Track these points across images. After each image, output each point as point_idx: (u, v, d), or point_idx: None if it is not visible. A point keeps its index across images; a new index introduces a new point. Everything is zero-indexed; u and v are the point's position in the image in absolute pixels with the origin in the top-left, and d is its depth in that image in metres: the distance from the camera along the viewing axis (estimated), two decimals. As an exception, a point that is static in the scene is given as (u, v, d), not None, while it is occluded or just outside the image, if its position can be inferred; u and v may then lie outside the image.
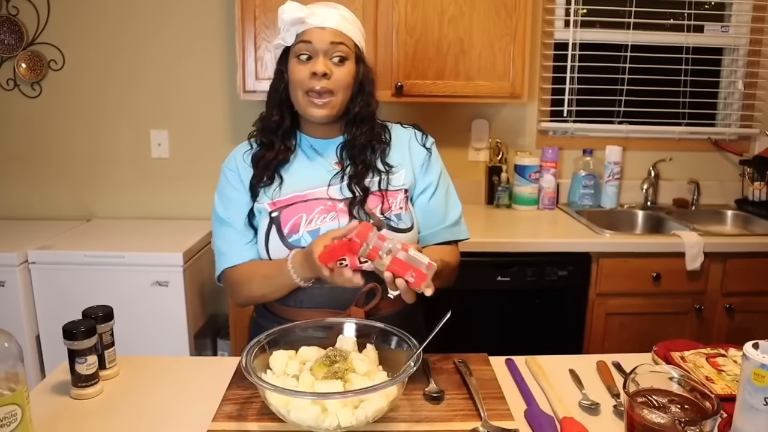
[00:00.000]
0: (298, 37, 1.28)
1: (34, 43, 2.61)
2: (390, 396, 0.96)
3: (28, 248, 2.28)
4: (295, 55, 1.28)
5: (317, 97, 1.27)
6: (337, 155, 1.35)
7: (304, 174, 1.33)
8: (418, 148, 1.41)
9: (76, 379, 1.12)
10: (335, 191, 1.31)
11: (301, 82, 1.27)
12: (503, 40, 2.36)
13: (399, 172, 1.35)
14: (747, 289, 2.30)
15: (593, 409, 1.08)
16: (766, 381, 0.88)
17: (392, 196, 1.32)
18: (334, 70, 1.27)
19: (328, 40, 1.26)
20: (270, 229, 1.29)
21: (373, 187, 1.31)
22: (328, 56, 1.27)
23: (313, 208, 1.28)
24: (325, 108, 1.28)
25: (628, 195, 2.82)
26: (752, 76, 2.84)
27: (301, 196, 1.30)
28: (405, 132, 1.43)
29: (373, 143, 1.34)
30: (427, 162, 1.40)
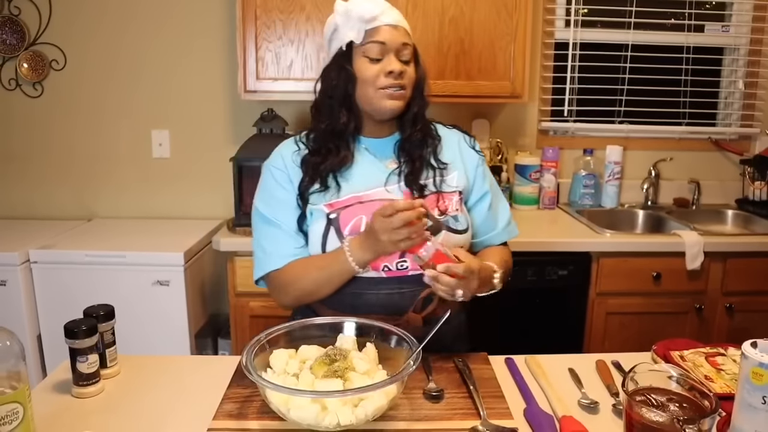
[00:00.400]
0: (368, 34, 1.26)
1: (35, 43, 2.62)
2: (389, 394, 0.97)
3: (29, 248, 2.29)
4: (364, 54, 1.27)
5: (392, 91, 1.27)
6: (394, 153, 1.36)
7: (360, 176, 1.32)
8: (468, 151, 1.42)
9: (78, 377, 1.13)
10: (393, 190, 1.30)
11: (372, 80, 1.27)
12: (504, 39, 2.36)
13: (452, 174, 1.36)
14: (747, 289, 2.30)
15: (592, 408, 1.08)
16: (764, 380, 0.88)
17: (447, 198, 1.32)
18: (406, 69, 1.28)
19: (400, 41, 1.27)
20: (328, 230, 1.27)
21: (429, 186, 1.32)
22: (398, 56, 1.28)
23: (372, 209, 1.24)
24: (400, 100, 1.29)
25: (628, 195, 2.82)
26: (753, 76, 2.84)
27: (359, 197, 1.29)
28: (451, 133, 1.44)
29: (427, 140, 1.36)
30: (481, 167, 1.42)
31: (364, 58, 1.27)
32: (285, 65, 2.35)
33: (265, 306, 2.26)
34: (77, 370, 1.13)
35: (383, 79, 1.26)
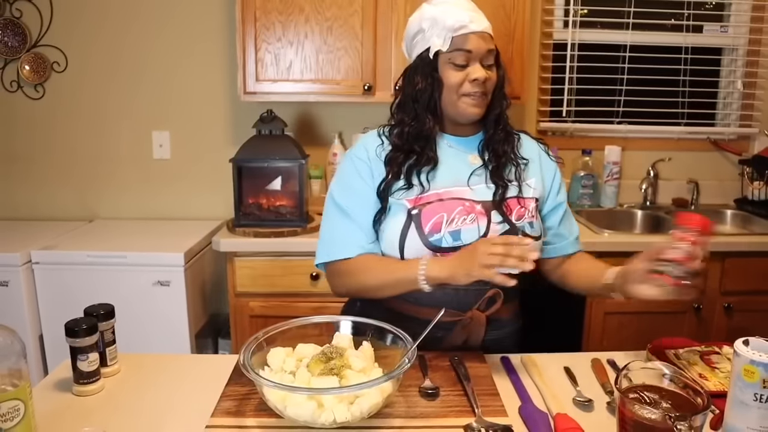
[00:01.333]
0: (455, 42, 1.27)
1: (37, 45, 2.63)
2: (385, 392, 0.98)
3: (31, 248, 2.30)
4: (450, 61, 1.28)
5: (474, 98, 1.29)
6: (478, 150, 1.37)
7: (443, 173, 1.33)
8: (547, 159, 1.44)
9: (78, 376, 1.14)
10: (476, 190, 1.31)
11: (456, 87, 1.29)
12: (502, 40, 2.37)
13: (531, 178, 1.37)
14: (745, 288, 2.31)
15: (587, 406, 1.09)
16: (755, 377, 0.89)
17: (526, 204, 1.34)
18: (489, 74, 1.29)
19: (485, 48, 1.28)
20: (408, 226, 1.28)
21: (511, 192, 1.32)
22: (483, 62, 1.29)
23: (453, 207, 1.28)
24: (480, 107, 1.31)
25: (627, 195, 2.83)
26: (751, 76, 2.85)
27: (440, 194, 1.30)
28: (530, 141, 1.44)
29: (511, 137, 1.37)
30: (559, 177, 1.45)
31: (449, 65, 1.29)
32: (284, 66, 2.36)
33: (265, 306, 2.27)
34: (78, 369, 1.14)
35: (467, 86, 1.28)
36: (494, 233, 1.28)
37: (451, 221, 1.27)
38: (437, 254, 1.26)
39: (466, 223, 1.27)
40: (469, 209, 1.29)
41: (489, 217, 1.29)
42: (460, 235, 1.27)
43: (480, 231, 1.27)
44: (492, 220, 1.29)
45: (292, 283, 2.27)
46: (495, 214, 1.30)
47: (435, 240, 1.27)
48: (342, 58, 2.37)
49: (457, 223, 1.27)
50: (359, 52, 2.35)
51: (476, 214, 1.29)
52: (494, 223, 1.29)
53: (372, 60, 2.35)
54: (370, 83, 2.36)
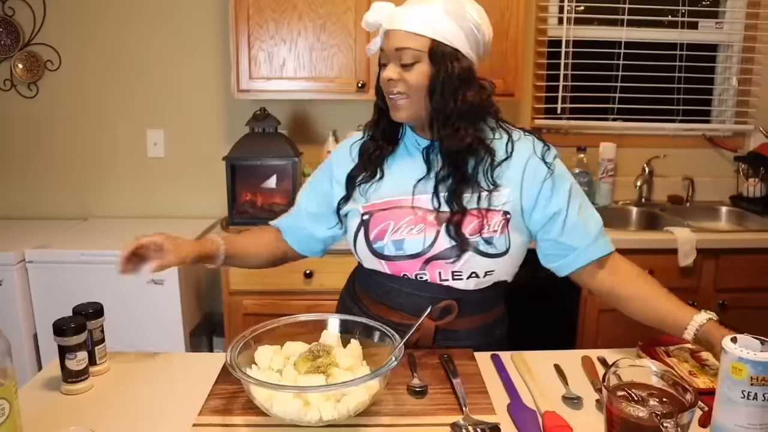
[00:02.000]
0: (383, 39, 1.27)
1: (30, 43, 2.63)
2: (372, 390, 0.98)
3: (25, 247, 2.30)
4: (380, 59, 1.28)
5: (394, 100, 1.25)
6: (423, 157, 1.29)
7: (402, 172, 1.31)
8: (536, 166, 1.26)
9: (67, 374, 1.14)
10: (433, 201, 1.25)
11: (383, 87, 1.28)
12: (496, 37, 2.33)
13: (503, 191, 1.24)
14: (740, 286, 2.31)
15: (576, 403, 1.09)
16: (743, 374, 0.89)
17: (490, 217, 1.23)
18: (404, 75, 1.22)
19: (393, 46, 1.22)
20: (359, 231, 1.30)
21: (470, 204, 1.23)
22: (398, 61, 1.23)
23: (402, 217, 1.26)
24: (401, 111, 1.24)
25: (622, 192, 2.83)
26: (746, 73, 2.85)
27: (395, 201, 1.28)
28: (527, 146, 1.28)
29: (474, 152, 1.24)
30: (549, 181, 1.26)
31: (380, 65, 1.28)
32: (278, 64, 2.36)
33: (259, 304, 2.27)
34: (66, 367, 1.14)
35: (385, 86, 1.26)
36: (440, 248, 1.23)
37: (397, 230, 1.26)
38: (381, 261, 1.28)
39: (411, 234, 1.25)
40: (419, 219, 1.25)
41: (439, 229, 1.24)
42: (403, 244, 1.25)
43: (425, 243, 1.24)
44: (441, 233, 1.23)
45: (285, 281, 2.27)
46: (445, 227, 1.23)
47: (378, 247, 1.27)
48: (335, 56, 2.36)
49: (402, 233, 1.25)
50: (353, 49, 2.34)
51: (426, 225, 1.25)
52: (443, 236, 1.23)
53: (365, 57, 2.35)
54: (363, 81, 2.35)
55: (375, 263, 1.30)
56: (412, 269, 1.26)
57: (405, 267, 1.26)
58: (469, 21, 1.23)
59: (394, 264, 1.27)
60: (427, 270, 1.25)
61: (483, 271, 1.25)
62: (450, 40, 1.21)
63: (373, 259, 1.29)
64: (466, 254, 1.22)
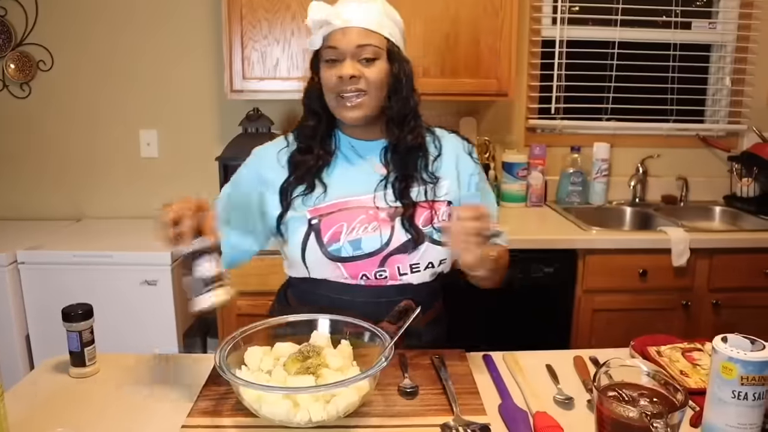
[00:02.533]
0: (325, 40, 1.24)
1: (22, 43, 2.62)
2: (361, 391, 0.97)
3: (17, 248, 2.29)
4: (324, 60, 1.25)
5: (349, 99, 1.23)
6: (380, 159, 1.31)
7: (346, 179, 1.30)
8: (465, 159, 1.37)
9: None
10: (380, 199, 1.27)
11: (331, 87, 1.24)
12: (490, 37, 2.37)
13: (444, 182, 1.32)
14: (734, 285, 2.31)
15: (567, 404, 1.09)
16: (733, 374, 0.89)
17: (437, 208, 1.29)
18: (363, 71, 1.22)
19: (354, 43, 1.21)
20: (308, 236, 1.25)
21: (419, 197, 1.28)
22: (356, 58, 1.22)
23: (355, 216, 1.25)
24: (357, 109, 1.24)
25: (616, 192, 2.82)
26: (740, 73, 2.85)
27: (343, 203, 1.27)
28: (451, 138, 1.39)
29: (420, 149, 1.30)
30: (476, 176, 1.38)
31: (324, 63, 1.25)
32: (271, 65, 2.35)
33: (252, 305, 2.25)
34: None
35: (338, 85, 1.23)
36: (398, 242, 1.24)
37: (352, 230, 1.24)
38: (339, 264, 1.24)
39: (367, 232, 1.24)
40: (372, 217, 1.25)
41: (393, 224, 1.25)
42: (361, 244, 1.24)
43: (382, 239, 1.24)
44: (396, 228, 1.25)
45: (279, 282, 2.25)
46: (399, 221, 1.25)
47: (334, 250, 1.24)
48: (329, 56, 2.35)
49: (358, 232, 1.24)
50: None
51: (379, 223, 1.25)
52: (399, 231, 1.25)
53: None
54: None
55: (329, 269, 1.26)
56: (372, 268, 1.24)
57: (364, 267, 1.24)
58: (400, 23, 1.31)
59: (352, 265, 1.24)
60: (386, 266, 1.25)
61: (438, 260, 1.29)
62: (397, 40, 1.28)
63: (327, 264, 1.25)
64: (423, 245, 1.26)
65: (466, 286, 1.27)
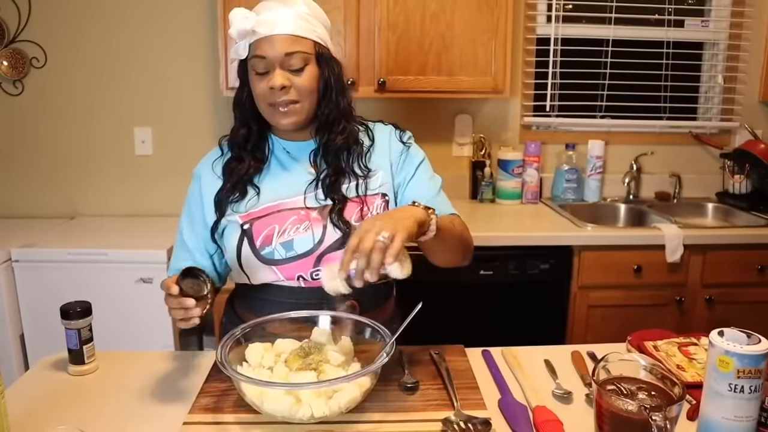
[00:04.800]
0: (251, 49, 1.20)
1: (15, 40, 2.60)
2: (363, 386, 0.98)
3: (11, 246, 2.27)
4: (252, 69, 1.22)
5: (281, 107, 1.22)
6: (310, 160, 1.31)
7: (278, 182, 1.29)
8: (396, 145, 1.35)
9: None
10: (311, 200, 1.26)
11: (262, 96, 1.22)
12: (485, 35, 2.37)
13: (376, 175, 1.30)
14: (727, 281, 2.33)
15: (565, 398, 1.10)
16: (730, 367, 0.90)
17: (370, 202, 1.27)
18: (294, 80, 1.21)
19: (282, 51, 1.19)
20: (242, 241, 1.25)
21: (350, 193, 1.27)
22: (285, 67, 1.20)
23: (286, 218, 1.24)
24: (291, 116, 1.23)
25: (610, 189, 2.84)
26: (732, 71, 2.87)
27: (274, 206, 1.26)
28: (385, 130, 1.37)
29: (350, 145, 1.29)
30: (405, 157, 1.34)
31: (252, 73, 1.23)
32: (267, 62, 2.34)
33: (249, 302, 2.26)
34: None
35: (269, 95, 1.21)
36: (330, 239, 1.23)
37: (283, 232, 1.23)
38: (273, 267, 1.23)
39: (299, 232, 1.23)
40: (304, 217, 1.25)
41: (325, 223, 1.24)
42: (293, 245, 1.23)
43: (315, 239, 1.23)
44: (328, 226, 1.24)
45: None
46: (330, 218, 1.24)
47: (267, 253, 1.23)
48: (324, 53, 2.35)
49: (290, 233, 1.23)
50: (342, 47, 2.34)
51: (311, 221, 1.24)
52: (331, 229, 1.23)
53: (355, 55, 2.34)
54: (353, 78, 2.35)
55: (265, 273, 1.25)
56: (307, 268, 1.23)
57: (299, 267, 1.23)
58: (327, 21, 1.31)
59: (287, 267, 1.23)
60: (321, 266, 1.23)
61: None
62: (324, 41, 1.27)
63: (262, 268, 1.24)
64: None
65: (468, 282, 1.27)
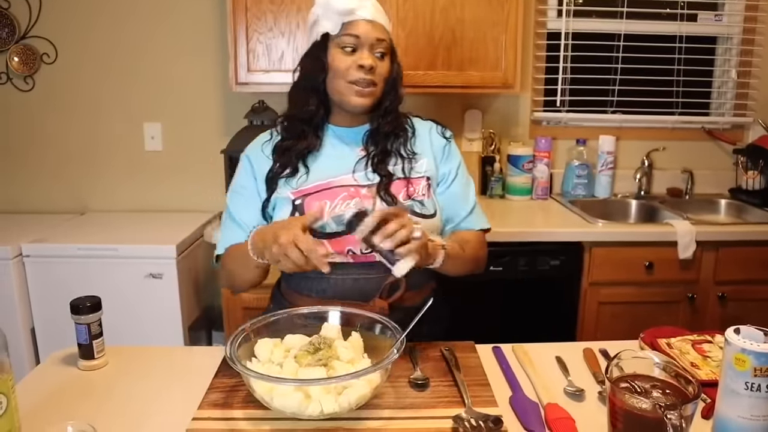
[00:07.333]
0: (345, 27, 1.27)
1: (26, 36, 2.61)
2: (373, 383, 0.97)
3: (21, 242, 2.29)
4: (339, 46, 1.28)
5: (363, 87, 1.28)
6: (363, 142, 1.37)
7: (329, 163, 1.34)
8: (438, 138, 1.43)
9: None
10: (360, 177, 1.32)
11: (344, 73, 1.28)
12: (495, 29, 2.36)
13: (421, 161, 1.38)
14: (739, 278, 2.31)
15: (578, 396, 1.09)
16: (746, 365, 0.88)
17: (416, 183, 1.34)
18: (378, 64, 1.29)
19: (375, 36, 1.28)
20: (293, 216, 1.29)
21: (397, 173, 1.33)
22: (372, 50, 1.28)
23: (336, 194, 1.29)
24: (367, 97, 1.30)
25: (621, 185, 2.82)
26: (746, 65, 2.84)
27: (325, 183, 1.31)
28: (425, 124, 1.46)
29: (397, 131, 1.37)
30: (447, 151, 1.43)
31: (338, 50, 1.29)
32: (276, 57, 2.34)
33: (258, 298, 2.25)
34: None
35: (354, 73, 1.27)
36: None
37: (334, 207, 1.28)
38: (324, 241, 1.25)
39: (350, 207, 1.27)
40: (354, 194, 1.30)
41: (374, 199, 1.29)
42: (343, 218, 1.25)
43: None
44: (377, 202, 1.28)
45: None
46: (380, 195, 1.29)
47: (318, 227, 1.26)
48: (334, 48, 2.34)
49: (341, 208, 1.27)
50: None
51: (361, 198, 1.29)
52: (379, 204, 1.28)
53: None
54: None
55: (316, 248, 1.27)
56: (356, 242, 1.24)
57: (349, 241, 1.26)
58: None
59: (338, 241, 1.27)
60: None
61: None
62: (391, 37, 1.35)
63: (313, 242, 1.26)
64: None
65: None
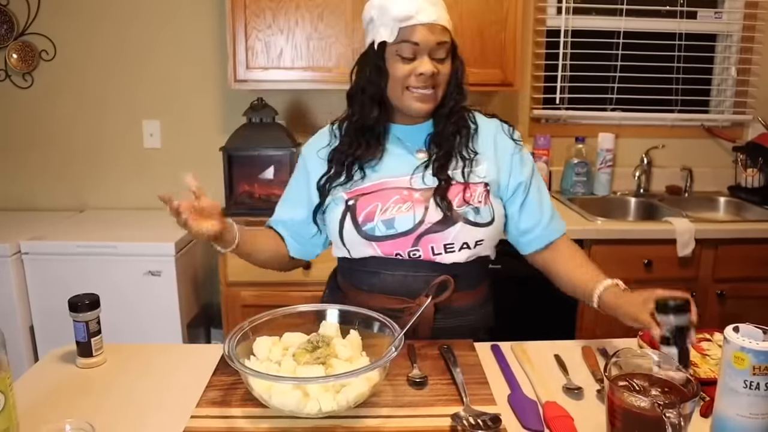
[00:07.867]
0: (402, 33, 1.22)
1: (24, 33, 2.60)
2: (371, 381, 0.97)
3: (20, 239, 2.28)
4: (397, 53, 1.23)
5: (422, 92, 1.25)
6: (424, 144, 1.33)
7: (387, 163, 1.32)
8: (504, 140, 1.36)
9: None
10: (417, 180, 1.29)
11: (402, 80, 1.24)
12: (494, 27, 2.35)
13: (482, 164, 1.31)
14: (739, 276, 2.31)
15: (576, 394, 1.09)
16: (745, 364, 0.88)
17: (473, 188, 1.28)
18: (439, 68, 1.24)
19: (435, 40, 1.22)
20: (344, 217, 1.28)
21: (456, 177, 1.29)
22: (432, 56, 1.23)
23: (389, 197, 1.27)
24: (428, 102, 1.27)
25: (620, 182, 2.82)
26: (745, 63, 2.83)
27: (379, 184, 1.29)
28: (490, 122, 1.38)
29: (461, 129, 1.32)
30: (518, 155, 1.35)
31: (396, 57, 1.24)
32: (275, 54, 2.34)
33: (257, 295, 2.26)
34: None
35: (413, 80, 1.24)
36: (431, 221, 1.25)
37: (386, 210, 1.26)
38: (373, 243, 1.26)
39: (401, 212, 1.26)
40: (407, 197, 1.27)
41: (427, 205, 1.26)
42: (394, 223, 1.25)
43: (415, 219, 1.25)
44: (430, 208, 1.26)
45: (284, 273, 2.25)
46: (434, 200, 1.26)
47: (368, 229, 1.26)
48: (333, 45, 2.34)
49: (392, 212, 1.26)
50: (351, 39, 2.32)
51: (413, 202, 1.26)
52: (432, 209, 1.26)
53: (362, 48, 2.32)
54: (361, 71, 2.33)
55: (365, 248, 1.28)
56: (405, 247, 1.26)
57: (398, 246, 1.26)
58: None
59: (386, 244, 1.26)
60: (419, 246, 1.26)
61: (473, 241, 1.27)
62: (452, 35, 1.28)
63: (363, 243, 1.27)
64: (457, 225, 1.25)
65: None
